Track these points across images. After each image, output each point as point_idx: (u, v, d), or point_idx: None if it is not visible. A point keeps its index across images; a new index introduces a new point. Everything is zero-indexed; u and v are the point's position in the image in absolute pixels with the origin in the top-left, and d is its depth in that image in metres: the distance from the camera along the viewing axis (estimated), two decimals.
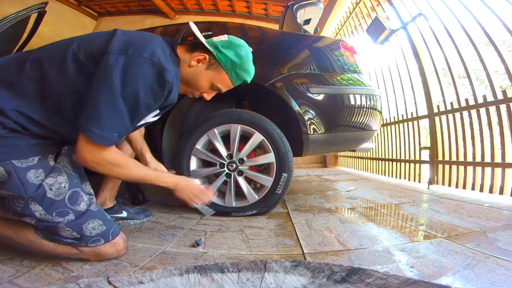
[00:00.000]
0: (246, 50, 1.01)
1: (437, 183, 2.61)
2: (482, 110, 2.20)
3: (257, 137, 1.44)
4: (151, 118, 0.96)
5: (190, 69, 0.97)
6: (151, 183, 0.94)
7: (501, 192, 1.99)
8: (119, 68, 0.75)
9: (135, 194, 1.77)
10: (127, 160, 0.89)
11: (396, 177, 3.30)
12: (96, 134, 0.75)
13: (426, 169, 2.84)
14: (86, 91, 0.77)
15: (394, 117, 3.50)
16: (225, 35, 1.01)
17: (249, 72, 1.04)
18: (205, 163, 1.56)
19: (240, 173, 1.48)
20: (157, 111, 0.94)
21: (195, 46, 0.98)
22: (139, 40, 0.83)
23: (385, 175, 3.54)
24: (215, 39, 1.00)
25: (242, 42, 1.02)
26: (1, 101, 0.76)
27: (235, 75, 1.00)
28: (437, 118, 2.68)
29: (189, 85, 1.00)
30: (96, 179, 1.13)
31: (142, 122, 0.93)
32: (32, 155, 0.80)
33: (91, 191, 0.94)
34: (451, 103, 2.51)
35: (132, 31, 0.91)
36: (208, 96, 1.04)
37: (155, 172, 1.00)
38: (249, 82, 1.06)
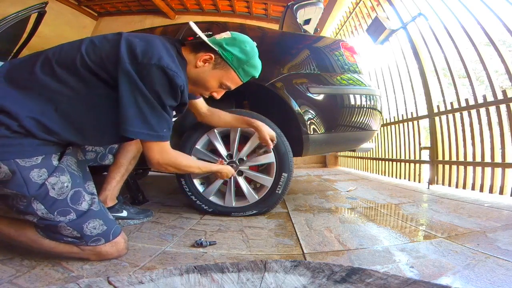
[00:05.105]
0: (251, 45, 1.00)
1: (437, 183, 2.61)
2: (482, 110, 2.20)
3: (257, 137, 1.44)
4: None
5: (197, 69, 0.97)
6: (202, 172, 1.29)
7: (501, 192, 1.99)
8: (135, 76, 0.79)
9: (135, 194, 1.77)
10: (185, 158, 1.07)
11: (396, 177, 3.30)
12: (153, 135, 0.84)
13: (426, 169, 2.84)
14: (102, 99, 0.82)
15: (394, 117, 3.49)
16: (228, 32, 1.00)
17: (257, 67, 1.03)
18: None
19: (240, 173, 1.48)
20: (174, 112, 0.95)
21: (199, 46, 0.98)
22: (144, 44, 0.84)
23: (385, 175, 3.54)
24: (218, 36, 0.98)
25: (246, 37, 1.01)
26: (13, 104, 0.76)
27: (243, 71, 1.00)
28: (437, 118, 2.68)
29: (197, 85, 1.01)
30: (98, 177, 1.13)
31: None
32: (36, 154, 0.80)
33: (94, 190, 0.94)
34: (451, 103, 2.51)
35: (135, 35, 0.91)
36: (218, 95, 1.05)
37: (203, 164, 1.25)
38: (257, 77, 1.06)
